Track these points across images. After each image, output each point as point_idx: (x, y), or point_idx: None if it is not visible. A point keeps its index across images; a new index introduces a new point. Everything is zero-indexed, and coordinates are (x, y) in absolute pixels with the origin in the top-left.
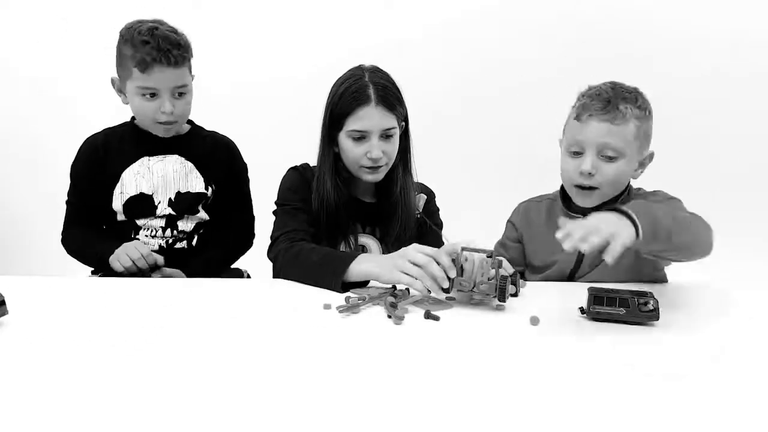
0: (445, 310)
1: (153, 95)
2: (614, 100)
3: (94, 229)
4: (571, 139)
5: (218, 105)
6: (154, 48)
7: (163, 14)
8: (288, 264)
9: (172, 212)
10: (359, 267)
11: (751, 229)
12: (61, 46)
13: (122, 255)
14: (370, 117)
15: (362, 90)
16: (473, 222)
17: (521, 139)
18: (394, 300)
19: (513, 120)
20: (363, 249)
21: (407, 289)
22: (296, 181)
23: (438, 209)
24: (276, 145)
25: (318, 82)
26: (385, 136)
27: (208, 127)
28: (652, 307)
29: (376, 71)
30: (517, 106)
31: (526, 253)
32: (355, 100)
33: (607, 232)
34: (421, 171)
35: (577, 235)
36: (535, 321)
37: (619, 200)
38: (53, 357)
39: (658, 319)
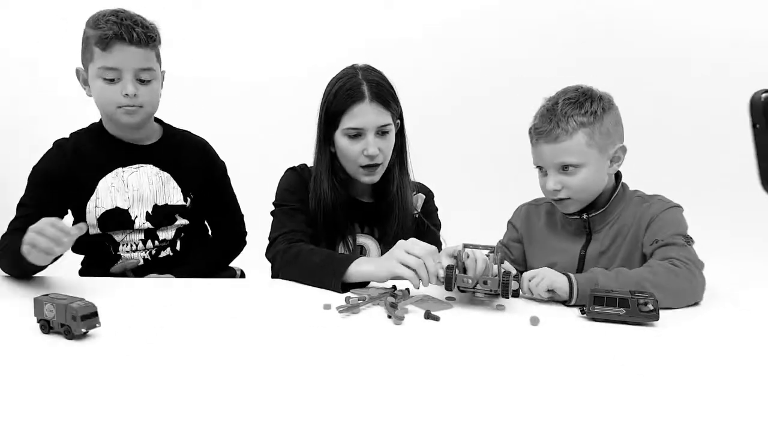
0: (445, 310)
1: (114, 79)
2: (555, 118)
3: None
4: (534, 161)
5: (218, 105)
6: (115, 23)
7: (163, 14)
8: (287, 264)
9: (150, 225)
10: (358, 268)
11: (752, 229)
12: (62, 46)
13: (32, 235)
14: (365, 114)
15: (356, 87)
16: (473, 222)
17: (521, 139)
18: (394, 300)
19: (512, 119)
20: (362, 249)
21: (407, 290)
22: (294, 182)
23: (436, 209)
24: (275, 145)
25: (317, 82)
26: (381, 132)
27: (208, 129)
28: (651, 308)
29: (369, 69)
30: (516, 105)
31: (526, 256)
32: (349, 97)
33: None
34: (421, 171)
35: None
36: (535, 321)
37: (610, 201)
38: (53, 357)
39: (657, 320)
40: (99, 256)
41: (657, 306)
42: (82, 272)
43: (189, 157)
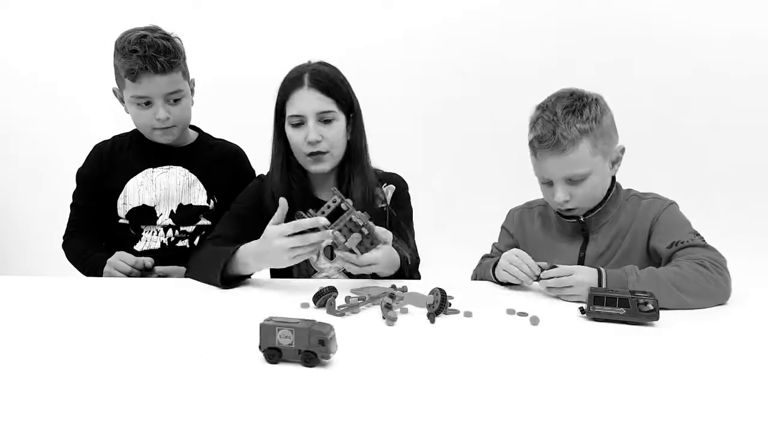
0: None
1: (147, 103)
2: (558, 130)
3: (94, 236)
4: (537, 172)
5: (219, 106)
6: (140, 57)
7: (163, 14)
8: (188, 267)
9: (173, 223)
10: (241, 260)
11: (752, 229)
12: (62, 47)
13: (113, 272)
14: (303, 99)
15: (297, 77)
16: (473, 222)
17: (519, 140)
18: (391, 301)
19: (511, 120)
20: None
21: (405, 288)
22: (253, 187)
23: (408, 197)
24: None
25: None
26: (323, 120)
27: (215, 134)
28: (651, 307)
29: (321, 63)
30: (515, 105)
31: None
32: (290, 84)
33: (577, 284)
34: (422, 169)
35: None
36: (535, 321)
37: (607, 200)
38: (52, 357)
39: (657, 319)
40: (122, 241)
41: (657, 306)
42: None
43: (218, 162)
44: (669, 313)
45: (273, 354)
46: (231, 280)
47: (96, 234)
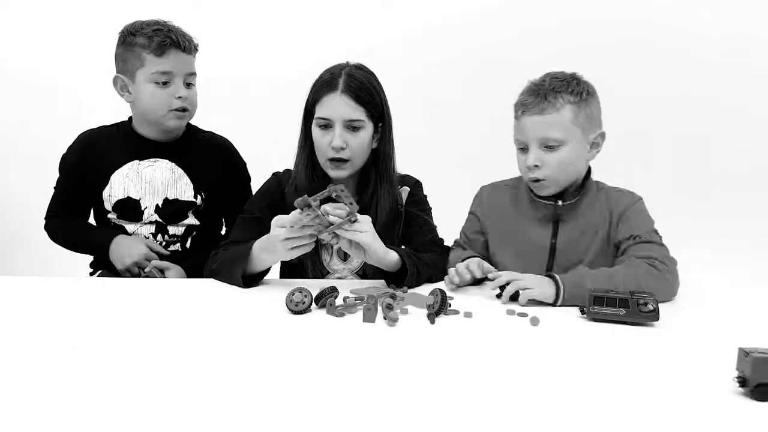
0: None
1: (166, 83)
2: (543, 92)
3: (84, 219)
4: (515, 137)
5: (219, 105)
6: (168, 34)
7: (162, 14)
8: (210, 273)
9: (159, 219)
10: (258, 256)
11: (752, 230)
12: (62, 46)
13: (124, 258)
14: (334, 104)
15: (333, 79)
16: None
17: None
18: (392, 302)
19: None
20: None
21: (406, 289)
22: (270, 185)
23: (425, 197)
24: (275, 144)
25: None
26: (351, 127)
27: (211, 129)
28: (652, 308)
29: (357, 67)
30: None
31: (489, 244)
32: (323, 87)
33: (527, 287)
34: (422, 169)
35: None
36: (535, 321)
37: (582, 190)
38: (52, 357)
39: (658, 320)
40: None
41: (657, 306)
42: (93, 264)
43: (206, 156)
44: (669, 314)
45: None
46: (252, 279)
47: (83, 218)
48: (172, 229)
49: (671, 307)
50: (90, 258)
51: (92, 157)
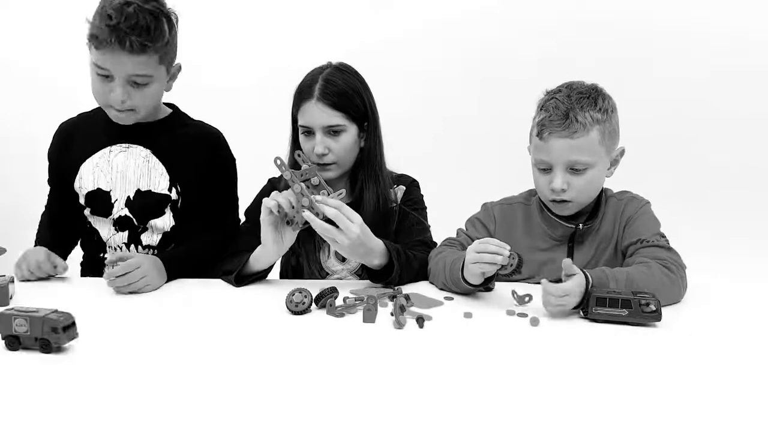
0: (437, 307)
1: (107, 77)
2: (572, 113)
3: (56, 215)
4: (538, 157)
5: (219, 104)
6: (110, 27)
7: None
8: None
9: (129, 214)
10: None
11: (752, 230)
12: (62, 45)
13: (21, 266)
14: (312, 112)
15: (309, 86)
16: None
17: (519, 140)
18: (405, 303)
19: (512, 120)
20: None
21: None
22: (266, 192)
23: (421, 196)
24: (274, 144)
25: None
26: (331, 132)
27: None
28: (654, 308)
29: (337, 69)
30: (516, 105)
31: None
32: (300, 95)
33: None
34: (421, 169)
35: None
36: (535, 322)
37: (599, 208)
38: (52, 357)
39: (660, 320)
40: (92, 252)
41: (659, 307)
42: (84, 273)
43: (188, 145)
44: (671, 314)
45: (11, 341)
46: (245, 277)
47: (66, 211)
48: (146, 239)
49: (672, 307)
50: (78, 261)
51: (67, 147)
